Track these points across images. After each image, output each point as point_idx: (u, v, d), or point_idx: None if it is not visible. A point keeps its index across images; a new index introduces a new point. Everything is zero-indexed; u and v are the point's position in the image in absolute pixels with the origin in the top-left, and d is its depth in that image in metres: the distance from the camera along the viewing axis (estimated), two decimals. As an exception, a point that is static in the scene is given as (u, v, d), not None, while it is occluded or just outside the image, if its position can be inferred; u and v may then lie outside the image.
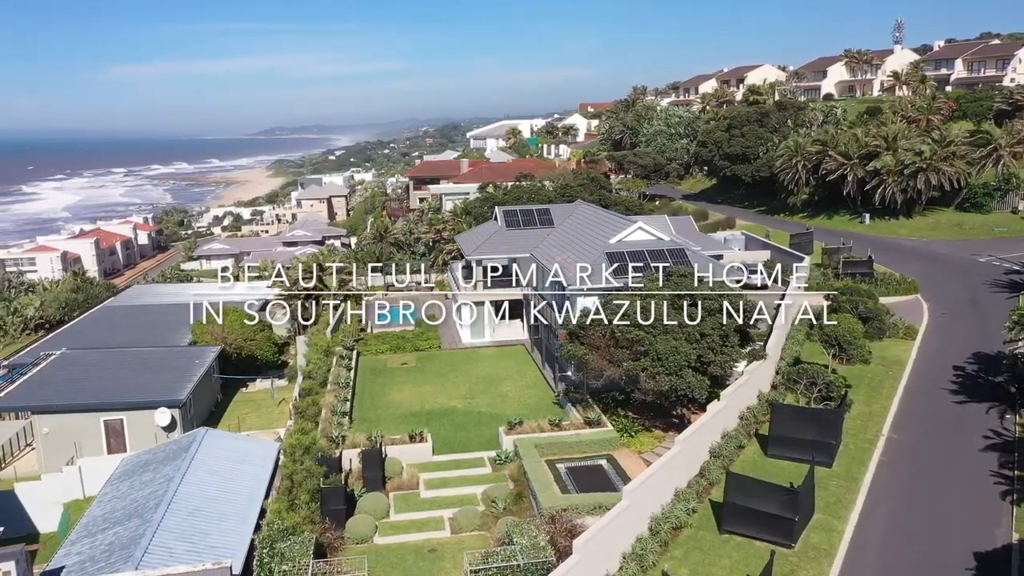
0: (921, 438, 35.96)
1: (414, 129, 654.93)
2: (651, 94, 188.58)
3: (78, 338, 53.56)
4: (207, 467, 31.10)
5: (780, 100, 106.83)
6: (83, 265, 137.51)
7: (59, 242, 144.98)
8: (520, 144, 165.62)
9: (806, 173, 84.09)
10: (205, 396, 45.83)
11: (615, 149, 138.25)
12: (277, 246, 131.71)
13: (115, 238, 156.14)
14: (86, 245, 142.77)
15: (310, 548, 25.71)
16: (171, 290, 72.39)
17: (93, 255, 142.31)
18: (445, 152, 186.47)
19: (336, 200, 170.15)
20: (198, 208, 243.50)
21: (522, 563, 25.46)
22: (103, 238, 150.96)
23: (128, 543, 25.36)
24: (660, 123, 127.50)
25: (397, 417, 40.17)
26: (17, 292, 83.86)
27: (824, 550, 28.19)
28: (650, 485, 29.44)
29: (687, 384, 33.96)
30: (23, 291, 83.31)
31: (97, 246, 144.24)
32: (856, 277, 56.76)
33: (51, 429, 39.39)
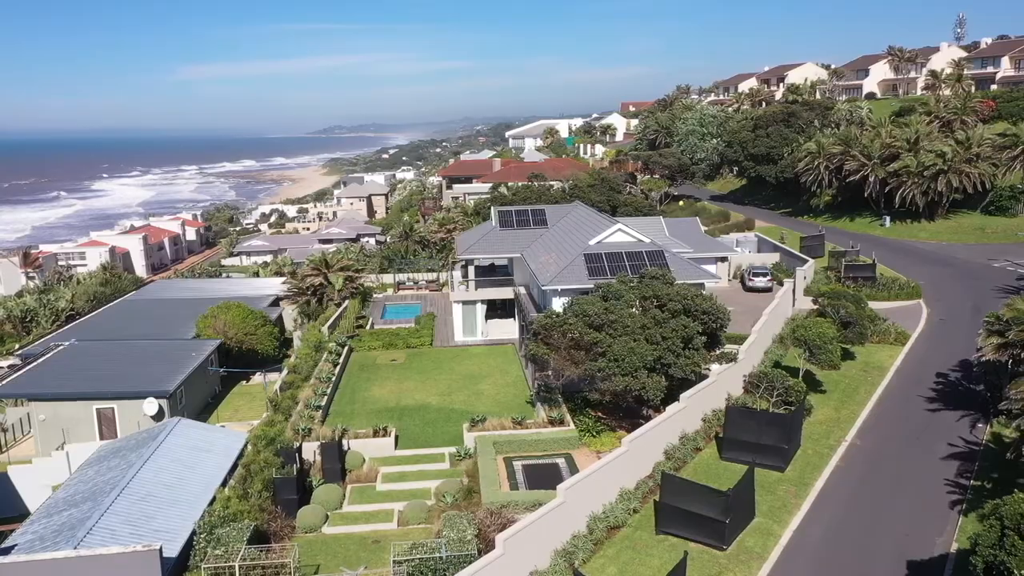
0: (884, 445, 35.56)
1: (468, 128, 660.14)
2: (695, 93, 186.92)
3: (92, 330, 56.10)
4: (170, 455, 32.62)
5: (807, 99, 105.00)
6: (132, 260, 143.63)
7: (110, 237, 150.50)
8: (557, 144, 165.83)
9: (828, 174, 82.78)
10: (200, 388, 47.60)
11: (650, 149, 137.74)
12: (313, 243, 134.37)
13: (164, 234, 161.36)
14: (135, 241, 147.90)
15: (246, 534, 26.85)
16: (192, 285, 75.01)
17: (141, 250, 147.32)
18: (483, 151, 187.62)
19: (376, 198, 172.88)
20: (250, 205, 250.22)
21: (444, 555, 26.18)
22: (152, 234, 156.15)
23: (76, 524, 26.93)
24: (694, 123, 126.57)
25: (372, 412, 41.26)
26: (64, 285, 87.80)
27: (757, 553, 28.26)
28: (587, 484, 29.84)
29: (641, 385, 34.22)
30: (65, 284, 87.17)
31: (145, 242, 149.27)
32: (858, 281, 55.96)
33: (47, 416, 41.57)
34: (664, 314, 36.62)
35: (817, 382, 41.38)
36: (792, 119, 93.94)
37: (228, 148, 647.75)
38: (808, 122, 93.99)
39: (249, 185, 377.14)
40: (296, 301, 62.15)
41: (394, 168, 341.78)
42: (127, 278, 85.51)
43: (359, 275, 63.31)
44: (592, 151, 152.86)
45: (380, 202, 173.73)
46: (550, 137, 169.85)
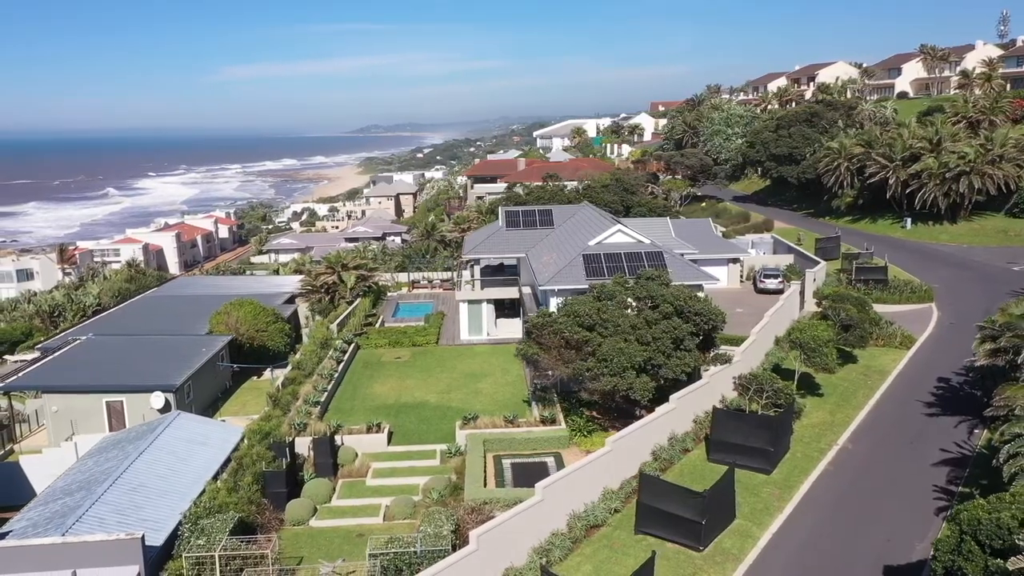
0: (876, 449, 35.30)
1: (504, 127, 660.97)
2: (726, 92, 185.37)
3: (112, 325, 57.68)
4: (166, 448, 33.59)
5: (830, 99, 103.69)
6: (165, 257, 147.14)
7: (144, 235, 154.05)
8: (584, 144, 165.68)
9: (850, 175, 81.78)
10: (209, 382, 48.66)
11: (677, 149, 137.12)
12: (340, 242, 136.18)
13: (197, 232, 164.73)
14: (168, 238, 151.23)
15: (228, 525, 27.59)
16: (213, 282, 76.60)
17: (174, 247, 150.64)
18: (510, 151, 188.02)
19: (404, 197, 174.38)
20: (285, 203, 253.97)
21: (419, 550, 26.67)
22: (185, 232, 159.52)
23: (67, 512, 27.94)
24: (720, 123, 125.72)
25: (371, 408, 41.93)
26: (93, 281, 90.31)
27: (733, 555, 28.32)
28: (567, 483, 30.13)
29: (628, 385, 34.38)
30: (93, 280, 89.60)
31: (178, 239, 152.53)
32: (869, 283, 55.36)
33: (59, 408, 42.91)
34: (656, 315, 36.74)
35: (815, 385, 41.18)
36: (815, 119, 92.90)
37: (269, 147, 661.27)
38: (832, 122, 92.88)
39: (287, 184, 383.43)
40: (310, 298, 63.18)
41: (428, 167, 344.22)
42: (152, 275, 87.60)
43: (372, 274, 64.09)
44: (619, 151, 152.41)
45: (408, 201, 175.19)
46: (578, 137, 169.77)
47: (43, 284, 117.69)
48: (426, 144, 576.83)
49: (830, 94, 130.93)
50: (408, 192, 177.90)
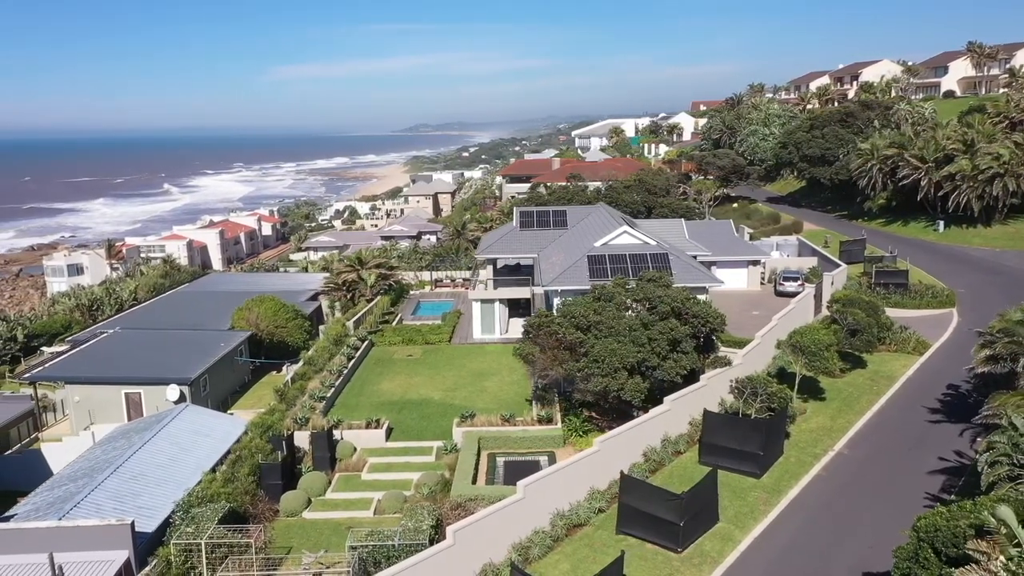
0: (873, 456, 34.86)
1: (551, 126, 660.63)
2: (769, 91, 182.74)
3: (141, 319, 59.74)
4: (170, 438, 34.86)
5: (866, 99, 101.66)
6: (209, 254, 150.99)
7: (190, 232, 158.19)
8: (622, 143, 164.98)
9: (883, 177, 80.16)
10: (227, 376, 50.07)
11: (715, 149, 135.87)
12: (376, 240, 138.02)
13: (240, 229, 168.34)
14: (212, 235, 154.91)
15: (218, 514, 28.61)
16: (242, 279, 78.53)
17: (218, 244, 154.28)
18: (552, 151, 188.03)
19: (443, 196, 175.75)
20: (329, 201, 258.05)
21: (397, 543, 27.32)
22: (228, 229, 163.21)
23: (68, 498, 29.28)
24: (758, 122, 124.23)
25: (375, 405, 42.77)
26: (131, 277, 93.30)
27: (712, 557, 28.37)
28: (550, 482, 30.49)
29: (619, 386, 34.55)
30: (131, 276, 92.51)
31: (222, 236, 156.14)
32: (889, 287, 54.41)
33: (81, 398, 44.68)
34: (652, 316, 36.82)
35: (819, 389, 40.77)
36: (850, 119, 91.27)
37: (321, 145, 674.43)
38: (867, 122, 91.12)
39: (335, 182, 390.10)
40: (332, 296, 64.44)
41: (472, 166, 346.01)
42: (186, 271, 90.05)
43: (392, 272, 65.07)
44: (656, 151, 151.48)
45: (447, 200, 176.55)
46: (615, 137, 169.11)
47: (92, 278, 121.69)
48: (473, 143, 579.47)
49: (873, 93, 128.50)
50: (446, 191, 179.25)
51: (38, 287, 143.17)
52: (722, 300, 57.89)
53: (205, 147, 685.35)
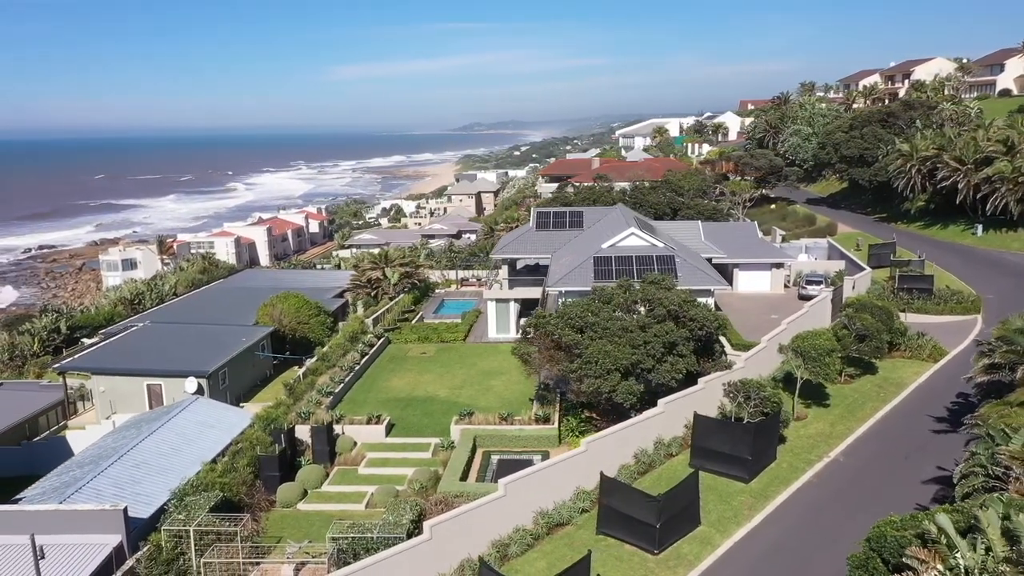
0: (869, 463, 34.41)
1: (604, 125, 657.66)
2: (820, 90, 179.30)
3: (171, 312, 61.86)
4: (177, 429, 36.24)
5: (908, 98, 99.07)
6: (257, 250, 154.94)
7: (239, 229, 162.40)
8: (665, 143, 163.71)
9: (921, 179, 78.23)
10: (248, 371, 51.51)
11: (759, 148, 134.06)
12: (417, 238, 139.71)
13: (288, 226, 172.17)
14: (259, 232, 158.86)
15: (210, 503, 29.74)
16: (275, 275, 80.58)
17: (265, 241, 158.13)
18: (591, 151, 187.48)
19: (486, 196, 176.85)
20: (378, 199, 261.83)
21: (375, 536, 28.06)
22: (276, 226, 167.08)
23: (72, 483, 30.76)
24: (802, 122, 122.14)
25: (382, 401, 43.69)
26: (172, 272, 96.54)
27: (688, 560, 28.47)
28: (533, 481, 30.90)
29: (611, 388, 34.74)
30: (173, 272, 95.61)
31: (269, 233, 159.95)
32: (912, 292, 53.28)
33: (106, 388, 46.60)
34: (649, 319, 36.89)
35: (824, 395, 40.31)
36: (891, 119, 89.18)
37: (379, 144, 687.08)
38: (909, 122, 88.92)
39: (390, 180, 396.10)
40: (358, 293, 65.73)
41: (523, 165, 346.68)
42: (224, 266, 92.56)
43: (416, 271, 66.05)
44: (699, 151, 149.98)
45: (490, 199, 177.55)
46: (659, 136, 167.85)
47: (144, 273, 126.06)
48: (525, 142, 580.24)
49: (924, 92, 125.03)
50: (489, 190, 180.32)
51: (97, 281, 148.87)
52: (743, 303, 57.74)
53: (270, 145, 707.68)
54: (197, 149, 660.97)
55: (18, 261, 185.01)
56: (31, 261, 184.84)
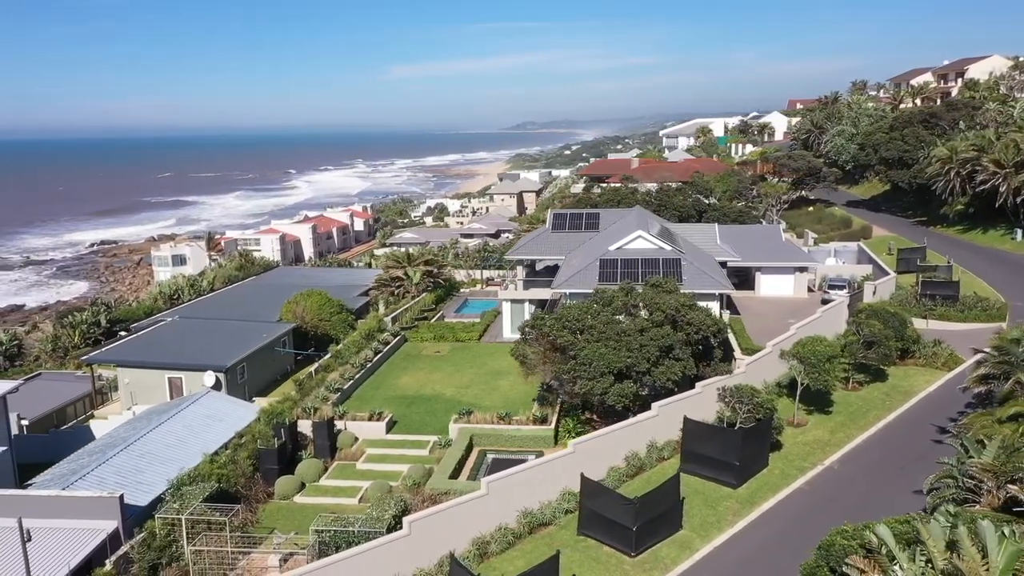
0: (864, 472, 33.93)
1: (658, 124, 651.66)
2: (872, 89, 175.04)
3: (200, 308, 63.90)
4: (185, 421, 37.63)
5: (951, 99, 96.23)
6: (302, 247, 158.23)
7: (285, 226, 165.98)
8: (709, 143, 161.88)
9: (960, 182, 76.10)
10: (268, 365, 52.83)
11: (804, 149, 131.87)
12: (456, 237, 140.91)
13: (333, 224, 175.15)
14: (304, 229, 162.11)
15: (204, 493, 30.90)
16: (306, 273, 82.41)
17: (310, 238, 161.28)
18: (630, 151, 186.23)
19: (527, 195, 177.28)
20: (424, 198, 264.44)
21: (357, 530, 28.84)
22: (321, 224, 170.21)
23: (78, 470, 32.29)
24: (848, 123, 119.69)
25: (389, 398, 44.57)
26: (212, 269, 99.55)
27: (665, 563, 28.58)
28: (517, 480, 31.32)
29: (603, 390, 34.94)
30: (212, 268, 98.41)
31: (314, 231, 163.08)
32: (936, 298, 52.06)
33: (130, 380, 48.45)
34: (647, 322, 36.95)
35: (828, 402, 39.82)
36: (933, 119, 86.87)
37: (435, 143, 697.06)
38: (953, 123, 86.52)
39: (443, 178, 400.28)
40: (382, 291, 66.87)
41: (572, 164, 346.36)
42: (259, 263, 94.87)
43: (440, 271, 66.91)
44: (743, 151, 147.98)
45: (532, 198, 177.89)
46: (702, 136, 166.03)
47: (193, 268, 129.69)
48: (577, 141, 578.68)
49: (977, 91, 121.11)
50: (532, 190, 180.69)
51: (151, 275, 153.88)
52: (764, 307, 57.14)
53: (330, 144, 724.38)
54: (261, 148, 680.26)
55: (81, 256, 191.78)
56: (93, 256, 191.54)
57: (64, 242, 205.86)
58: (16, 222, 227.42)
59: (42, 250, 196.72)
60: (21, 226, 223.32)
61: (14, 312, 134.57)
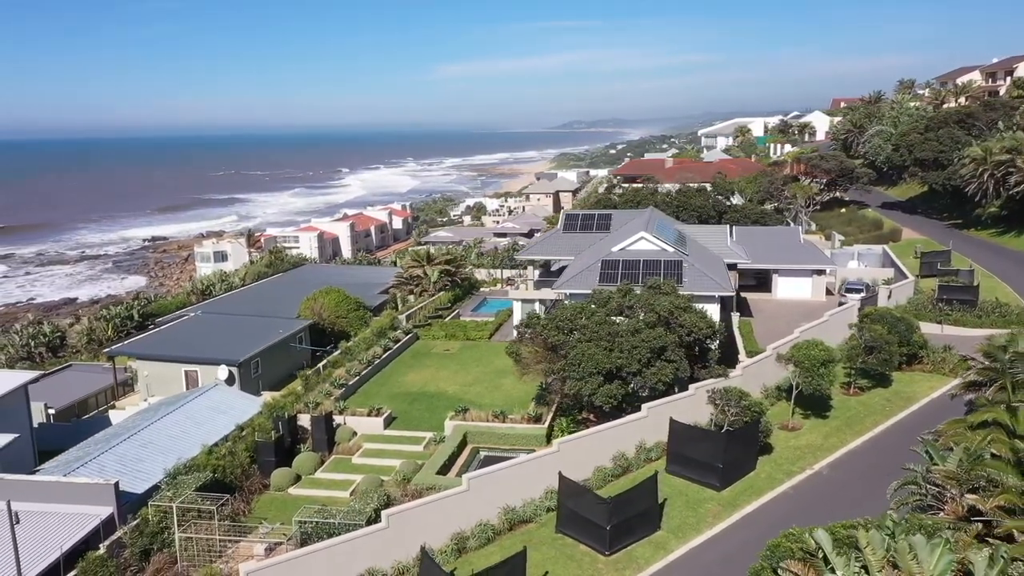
0: (854, 478, 33.64)
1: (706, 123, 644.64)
2: (920, 87, 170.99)
3: (229, 303, 65.57)
4: (188, 413, 38.95)
5: (989, 99, 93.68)
6: (340, 245, 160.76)
7: (324, 224, 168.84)
8: (747, 143, 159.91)
9: (994, 184, 74.25)
10: (283, 360, 54.01)
11: (844, 150, 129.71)
12: (490, 236, 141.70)
13: (371, 222, 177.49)
14: (343, 227, 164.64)
15: (198, 482, 32.06)
16: (331, 270, 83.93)
17: (348, 236, 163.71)
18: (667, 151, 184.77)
19: (564, 195, 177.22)
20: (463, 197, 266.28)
21: (337, 522, 29.66)
22: (360, 222, 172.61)
23: (82, 457, 33.74)
24: (888, 122, 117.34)
25: (393, 395, 45.42)
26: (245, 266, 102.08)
27: (638, 563, 28.79)
28: (499, 478, 31.81)
29: (592, 390, 35.22)
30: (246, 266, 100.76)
31: (352, 229, 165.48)
32: (953, 304, 51.05)
33: (149, 372, 50.19)
34: (640, 323, 37.11)
35: (827, 406, 39.50)
36: (969, 120, 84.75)
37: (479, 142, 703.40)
38: (990, 123, 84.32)
39: (489, 177, 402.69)
40: (401, 290, 67.91)
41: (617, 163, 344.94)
42: (288, 260, 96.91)
43: (458, 270, 67.66)
44: (781, 151, 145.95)
45: (568, 198, 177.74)
46: (741, 136, 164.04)
47: (233, 264, 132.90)
48: (623, 140, 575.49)
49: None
50: (568, 189, 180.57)
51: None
52: (779, 309, 56.65)
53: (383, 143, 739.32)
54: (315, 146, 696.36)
55: (133, 251, 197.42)
56: (144, 252, 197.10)
57: (118, 238, 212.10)
58: (77, 219, 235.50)
59: (97, 245, 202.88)
60: (81, 222, 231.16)
61: (67, 305, 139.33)
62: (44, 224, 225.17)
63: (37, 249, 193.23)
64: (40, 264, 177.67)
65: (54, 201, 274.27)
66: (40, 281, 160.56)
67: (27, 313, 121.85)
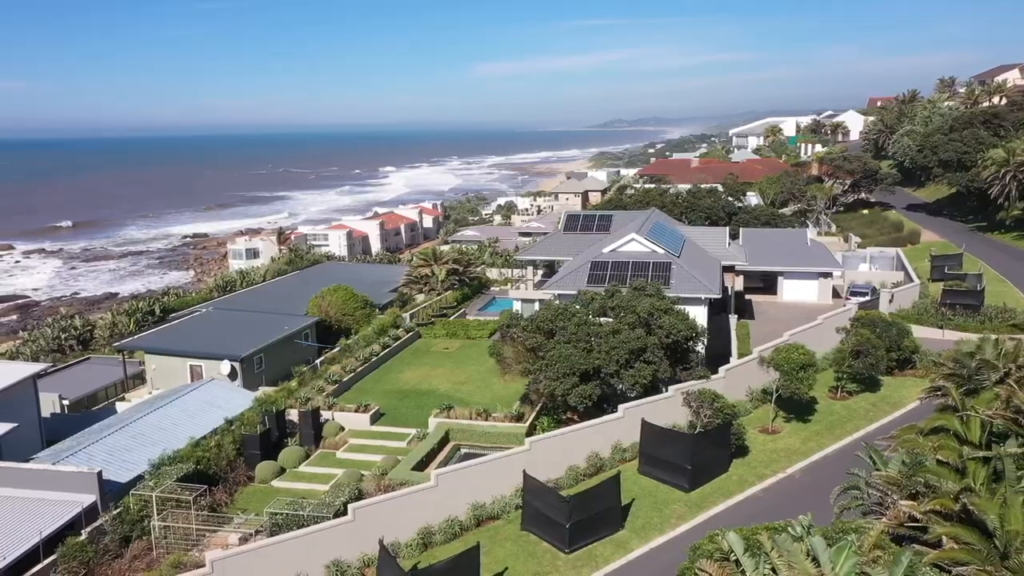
0: (826, 481, 32.94)
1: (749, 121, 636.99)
2: (960, 86, 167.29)
3: (243, 300, 67.14)
4: (181, 406, 40.23)
5: (1018, 99, 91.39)
6: (370, 243, 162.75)
7: (354, 222, 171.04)
8: (778, 143, 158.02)
9: (1017, 186, 72.66)
10: (288, 357, 55.18)
11: (875, 150, 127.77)
12: (515, 235, 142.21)
13: (401, 221, 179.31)
14: (373, 226, 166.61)
15: (179, 473, 33.19)
16: (346, 268, 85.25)
17: (378, 235, 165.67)
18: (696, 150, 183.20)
19: (593, 194, 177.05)
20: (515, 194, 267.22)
21: (306, 514, 30.54)
22: (390, 220, 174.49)
23: (74, 446, 35.15)
24: (920, 122, 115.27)
25: (385, 392, 46.25)
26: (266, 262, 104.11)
27: (598, 562, 29.17)
28: (467, 475, 32.44)
29: (566, 390, 35.61)
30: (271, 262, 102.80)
31: (382, 227, 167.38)
32: (956, 308, 50.27)
33: (156, 366, 51.82)
34: (620, 325, 37.38)
35: (811, 410, 39.34)
36: (995, 120, 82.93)
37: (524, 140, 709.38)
38: (1017, 124, 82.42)
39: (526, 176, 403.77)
40: (411, 288, 68.87)
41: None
42: (308, 258, 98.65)
43: (466, 269, 68.36)
44: (812, 151, 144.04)
45: (596, 197, 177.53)
46: (771, 136, 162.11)
47: (264, 261, 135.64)
48: (663, 139, 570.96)
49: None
50: (597, 189, 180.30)
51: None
52: (782, 312, 56.26)
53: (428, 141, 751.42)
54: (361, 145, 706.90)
55: (175, 248, 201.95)
56: (185, 248, 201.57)
57: (161, 234, 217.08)
58: (125, 216, 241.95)
59: (141, 241, 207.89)
60: (128, 220, 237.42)
61: (108, 299, 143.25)
62: (96, 221, 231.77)
63: (84, 244, 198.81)
64: (85, 260, 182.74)
65: (106, 199, 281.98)
66: (84, 276, 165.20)
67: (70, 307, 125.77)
